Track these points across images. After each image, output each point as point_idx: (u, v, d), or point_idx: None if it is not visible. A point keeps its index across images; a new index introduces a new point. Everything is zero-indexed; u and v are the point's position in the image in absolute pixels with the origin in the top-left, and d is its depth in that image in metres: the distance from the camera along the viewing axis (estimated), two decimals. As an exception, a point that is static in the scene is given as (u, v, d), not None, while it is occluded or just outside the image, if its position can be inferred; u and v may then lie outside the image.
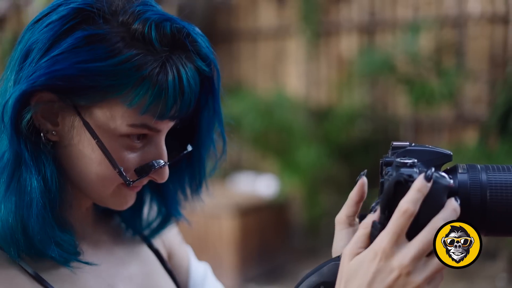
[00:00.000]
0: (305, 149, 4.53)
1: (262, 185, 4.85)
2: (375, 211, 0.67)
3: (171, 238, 1.00)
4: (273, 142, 4.82)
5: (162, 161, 0.77)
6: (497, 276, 4.11)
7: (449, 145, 4.42)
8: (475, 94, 4.61)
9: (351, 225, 0.75)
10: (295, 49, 5.27)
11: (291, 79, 5.35)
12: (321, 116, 4.89)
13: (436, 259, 0.61)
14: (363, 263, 0.62)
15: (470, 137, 4.51)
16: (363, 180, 0.73)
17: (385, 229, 0.62)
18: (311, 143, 4.59)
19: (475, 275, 4.16)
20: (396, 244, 0.61)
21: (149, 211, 0.93)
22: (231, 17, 5.64)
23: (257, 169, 5.23)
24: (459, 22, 4.58)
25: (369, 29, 4.96)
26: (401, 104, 4.73)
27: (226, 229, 4.25)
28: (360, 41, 5.00)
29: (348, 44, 5.06)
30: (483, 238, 0.64)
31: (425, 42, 4.49)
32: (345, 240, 0.73)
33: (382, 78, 4.75)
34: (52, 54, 0.69)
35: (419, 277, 0.60)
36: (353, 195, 0.75)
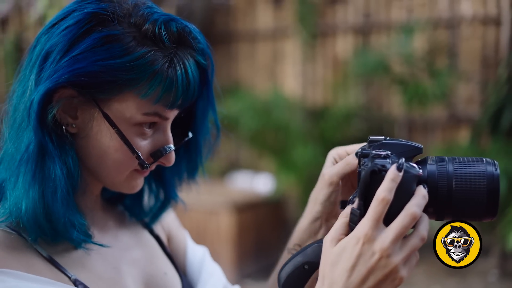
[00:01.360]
0: (301, 148, 4.56)
1: (259, 183, 4.90)
2: (353, 202, 0.73)
3: (170, 222, 1.08)
4: (270, 141, 4.86)
5: (172, 146, 0.86)
6: (489, 272, 4.16)
7: (442, 144, 4.47)
8: (467, 94, 4.64)
9: (332, 184, 0.85)
10: (292, 50, 5.31)
11: (288, 79, 5.39)
12: (317, 115, 4.93)
13: (410, 241, 0.68)
14: (347, 248, 0.68)
15: (463, 136, 4.55)
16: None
17: (365, 217, 0.68)
18: (307, 142, 4.62)
19: (467, 271, 4.20)
20: (376, 229, 0.67)
21: (149, 198, 1.01)
22: (229, 18, 5.68)
23: (255, 167, 5.29)
24: (451, 23, 4.63)
25: (364, 31, 5.01)
26: (395, 104, 4.77)
27: (224, 226, 4.29)
28: (355, 42, 5.04)
29: (343, 45, 5.11)
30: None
31: (419, 43, 4.53)
32: (325, 194, 0.85)
33: (377, 79, 4.79)
34: (72, 54, 0.77)
35: (397, 258, 0.67)
36: (351, 157, 0.84)
